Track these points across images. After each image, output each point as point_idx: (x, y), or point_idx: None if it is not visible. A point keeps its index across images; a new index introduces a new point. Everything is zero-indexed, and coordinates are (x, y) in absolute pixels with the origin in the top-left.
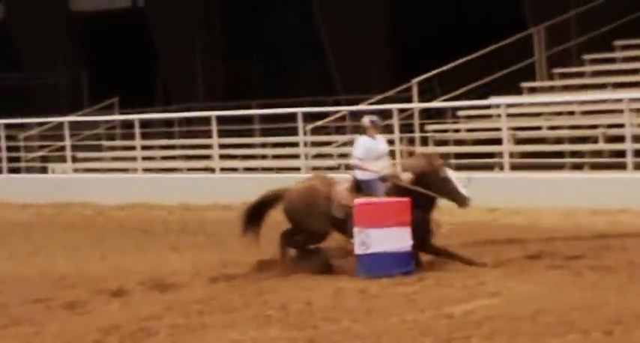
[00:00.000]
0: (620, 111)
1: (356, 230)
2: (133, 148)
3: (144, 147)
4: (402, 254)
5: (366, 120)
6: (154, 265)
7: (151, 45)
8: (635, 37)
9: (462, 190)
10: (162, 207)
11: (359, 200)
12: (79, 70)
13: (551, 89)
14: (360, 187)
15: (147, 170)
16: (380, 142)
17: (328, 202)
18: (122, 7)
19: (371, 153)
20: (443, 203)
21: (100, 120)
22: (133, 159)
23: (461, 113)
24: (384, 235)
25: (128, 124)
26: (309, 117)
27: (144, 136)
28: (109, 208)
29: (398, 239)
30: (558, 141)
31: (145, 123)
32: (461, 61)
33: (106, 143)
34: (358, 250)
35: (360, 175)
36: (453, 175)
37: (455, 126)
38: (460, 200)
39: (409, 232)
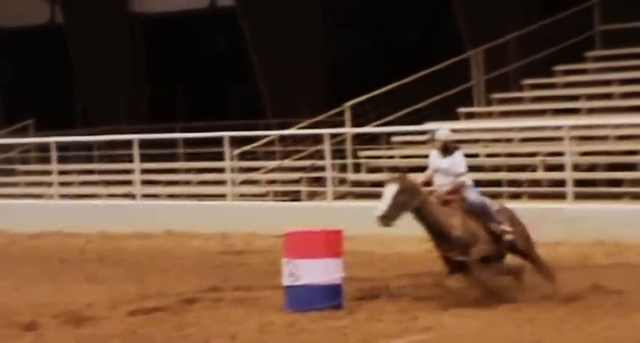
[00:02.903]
0: (560, 139)
1: (284, 261)
2: (49, 173)
3: (61, 172)
4: (332, 286)
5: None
6: (70, 297)
7: (70, 63)
8: (576, 62)
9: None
10: (79, 236)
11: (289, 230)
12: None
13: (488, 115)
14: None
15: (64, 196)
16: (442, 158)
17: None
18: (39, 24)
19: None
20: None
21: (14, 143)
22: (49, 184)
23: (395, 139)
24: (314, 266)
25: (44, 147)
26: (236, 142)
27: (61, 160)
28: (23, 236)
29: (328, 271)
30: (496, 169)
31: (62, 147)
32: (396, 84)
33: (20, 167)
34: (286, 281)
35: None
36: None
37: (389, 153)
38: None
39: (340, 264)
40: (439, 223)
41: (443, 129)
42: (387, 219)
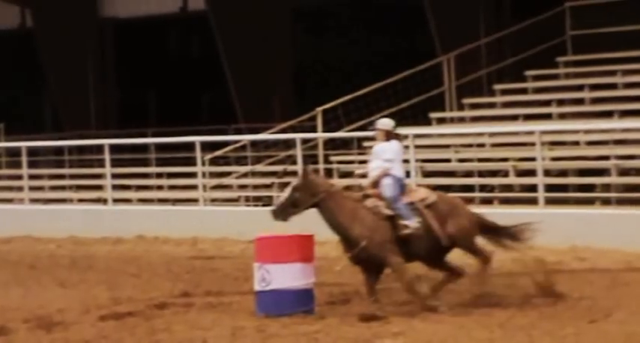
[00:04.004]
0: (532, 144)
1: (256, 265)
2: (19, 177)
3: (31, 177)
4: (304, 291)
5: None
6: (41, 302)
7: (40, 68)
8: (547, 68)
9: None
10: (50, 241)
11: (260, 234)
12: None
13: (460, 120)
14: None
15: (34, 200)
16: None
17: None
18: (9, 28)
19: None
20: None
21: None
22: (20, 188)
23: (367, 144)
24: (286, 271)
25: (14, 152)
26: (207, 147)
27: (31, 165)
28: None
29: (300, 275)
30: (467, 174)
31: (32, 151)
32: (367, 89)
33: None
34: (257, 287)
35: None
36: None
37: (361, 158)
38: None
39: (312, 268)
40: (338, 222)
41: (383, 119)
42: (279, 214)
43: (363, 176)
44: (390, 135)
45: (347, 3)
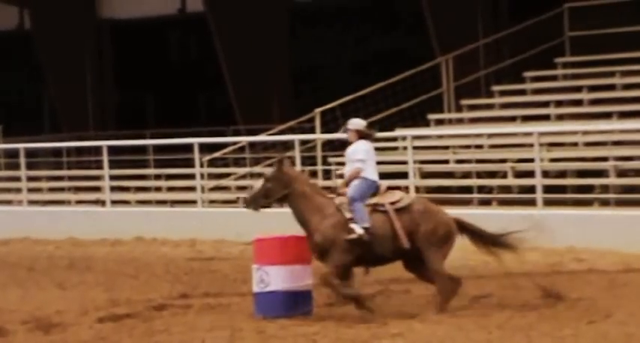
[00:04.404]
0: (530, 145)
1: (254, 267)
2: (18, 179)
3: (30, 178)
4: (302, 293)
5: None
6: (39, 304)
7: (38, 69)
8: (546, 69)
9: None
10: (48, 242)
11: (258, 235)
12: None
13: (459, 121)
14: None
15: (33, 202)
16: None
17: None
18: (8, 29)
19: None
20: None
21: None
22: (18, 190)
23: None
24: (284, 273)
25: (13, 153)
26: (206, 148)
27: (30, 166)
28: None
29: (298, 277)
30: (466, 175)
31: (31, 153)
32: (366, 90)
33: None
34: (256, 288)
35: None
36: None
37: None
38: None
39: (310, 270)
40: (301, 215)
41: (354, 119)
42: (250, 204)
43: (341, 176)
44: (362, 135)
45: (345, 4)
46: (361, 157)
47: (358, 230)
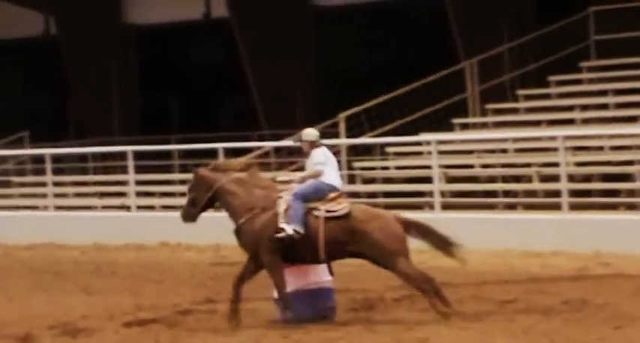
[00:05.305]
0: (555, 150)
1: None
2: (44, 184)
3: (56, 184)
4: (320, 290)
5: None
6: (65, 309)
7: (64, 75)
8: (571, 73)
9: None
10: (74, 247)
11: None
12: None
13: (483, 125)
14: None
15: (58, 207)
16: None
17: None
18: (33, 35)
19: None
20: None
21: (8, 155)
22: (44, 195)
23: (390, 150)
24: (298, 272)
25: (39, 159)
26: (230, 153)
27: (56, 172)
28: (17, 248)
29: (313, 275)
30: (491, 179)
31: (57, 158)
32: (390, 95)
33: (15, 179)
34: (275, 293)
35: None
36: None
37: (383, 164)
38: None
39: (325, 267)
40: (231, 216)
41: (308, 130)
42: (184, 217)
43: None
44: (314, 146)
45: (370, 8)
46: (321, 161)
47: (288, 230)
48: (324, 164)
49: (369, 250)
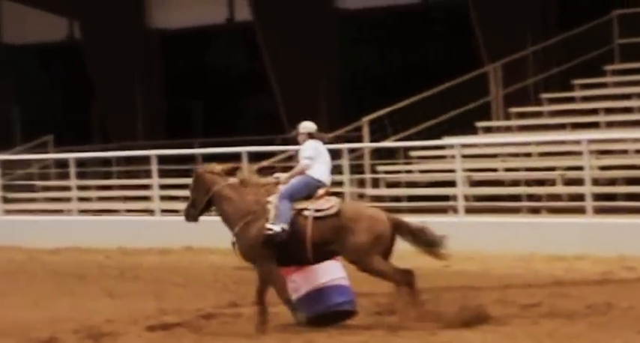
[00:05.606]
0: (579, 153)
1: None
2: (68, 188)
3: (80, 188)
4: (336, 287)
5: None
6: (89, 313)
7: (88, 79)
8: (595, 76)
9: None
10: (98, 251)
11: None
12: (9, 105)
13: (507, 129)
14: None
15: (83, 211)
16: None
17: None
18: (58, 40)
19: None
20: None
21: (33, 159)
22: (68, 199)
23: (413, 153)
24: (309, 274)
25: (63, 163)
26: (254, 157)
27: (80, 176)
28: (42, 252)
29: (324, 273)
30: (515, 183)
31: (81, 162)
32: (414, 99)
33: (39, 183)
34: (294, 297)
35: None
36: None
37: (407, 167)
38: None
39: (338, 265)
40: (226, 223)
41: (305, 122)
42: (186, 217)
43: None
44: (312, 138)
45: (393, 11)
46: (309, 154)
47: (275, 227)
48: (311, 158)
49: (345, 249)
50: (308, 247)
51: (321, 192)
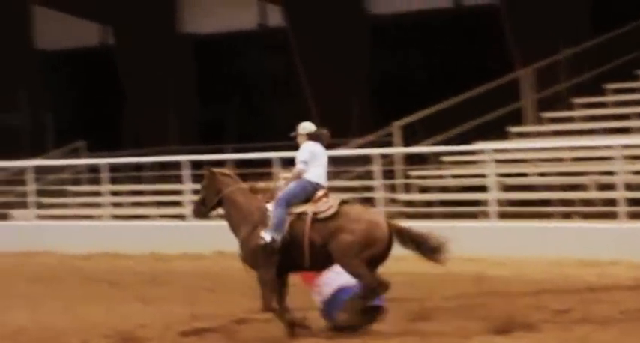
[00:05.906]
0: (612, 158)
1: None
2: (100, 194)
3: (112, 193)
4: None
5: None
6: (121, 318)
7: (120, 85)
8: (627, 81)
9: None
10: (130, 257)
11: None
12: (42, 110)
13: (539, 134)
14: None
15: (115, 217)
16: None
17: None
18: (90, 46)
19: None
20: None
21: (65, 165)
22: (100, 205)
23: (445, 158)
24: (328, 280)
25: (95, 169)
26: (286, 163)
27: (112, 181)
28: (74, 257)
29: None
30: (547, 188)
31: (113, 168)
32: (446, 104)
33: (71, 188)
34: (320, 305)
35: None
36: None
37: (439, 173)
38: None
39: None
40: (232, 227)
41: (304, 123)
42: (195, 213)
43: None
44: (311, 139)
45: (425, 17)
46: (304, 158)
47: (267, 237)
48: (306, 162)
49: (332, 246)
50: (306, 250)
51: (319, 194)
